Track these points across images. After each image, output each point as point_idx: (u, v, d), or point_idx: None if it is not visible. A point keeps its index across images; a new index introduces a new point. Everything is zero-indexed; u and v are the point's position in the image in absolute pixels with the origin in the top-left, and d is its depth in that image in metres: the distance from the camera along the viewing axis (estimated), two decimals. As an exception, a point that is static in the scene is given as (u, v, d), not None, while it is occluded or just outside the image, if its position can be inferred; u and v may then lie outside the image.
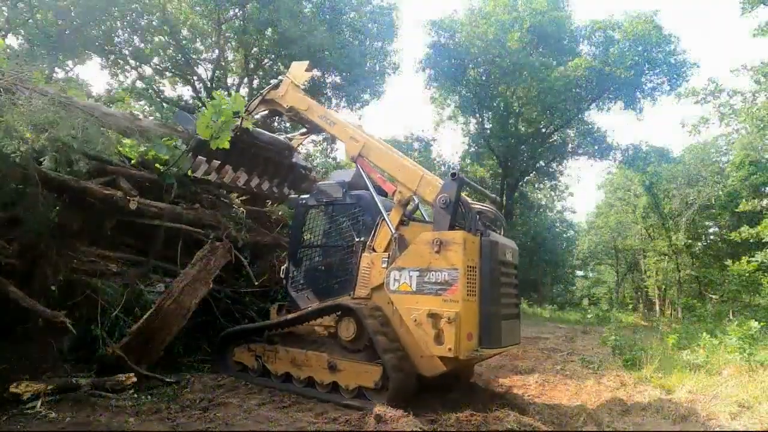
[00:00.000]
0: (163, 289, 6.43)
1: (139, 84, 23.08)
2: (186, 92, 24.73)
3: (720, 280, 20.99)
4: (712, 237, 32.99)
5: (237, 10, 20.99)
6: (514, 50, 22.78)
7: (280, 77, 8.03)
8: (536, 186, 35.69)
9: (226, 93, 7.41)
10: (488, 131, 27.37)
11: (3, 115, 5.21)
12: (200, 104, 20.51)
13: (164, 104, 22.96)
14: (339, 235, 6.61)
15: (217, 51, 22.83)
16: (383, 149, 6.43)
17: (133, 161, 7.23)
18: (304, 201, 7.06)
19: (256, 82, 22.83)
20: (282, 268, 7.17)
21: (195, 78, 23.52)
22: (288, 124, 20.06)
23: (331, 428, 4.57)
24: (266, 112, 8.35)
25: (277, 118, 16.29)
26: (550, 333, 14.95)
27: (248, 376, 6.35)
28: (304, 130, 8.77)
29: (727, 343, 8.50)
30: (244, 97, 8.18)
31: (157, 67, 23.22)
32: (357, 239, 6.22)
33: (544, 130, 27.03)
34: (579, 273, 47.51)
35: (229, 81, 24.66)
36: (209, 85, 22.73)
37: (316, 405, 5.33)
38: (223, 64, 23.56)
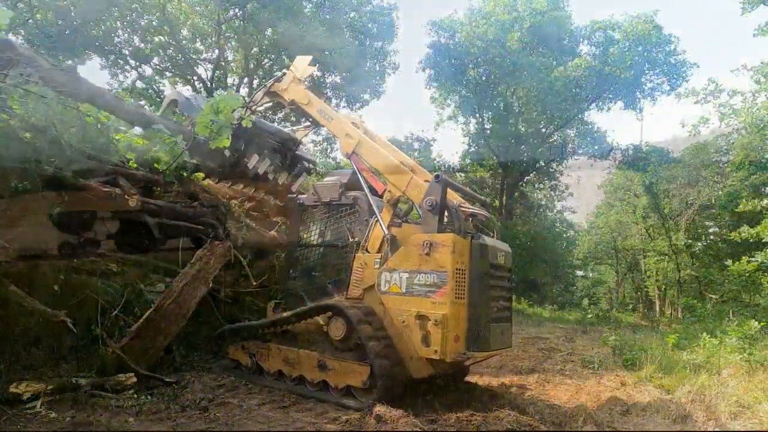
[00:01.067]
0: (163, 289, 6.43)
1: (139, 84, 23.10)
2: (186, 92, 24.68)
3: (720, 280, 20.98)
4: (712, 237, 32.94)
5: (237, 10, 20.99)
6: (514, 50, 22.75)
7: (284, 70, 8.04)
8: (536, 186, 35.65)
9: (225, 93, 7.41)
10: (488, 131, 27.34)
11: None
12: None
13: (164, 104, 22.96)
14: (335, 235, 6.63)
15: (217, 51, 22.83)
16: (377, 147, 6.42)
17: (131, 162, 7.23)
18: (301, 200, 7.10)
19: (256, 82, 22.84)
20: (280, 267, 7.18)
21: (195, 78, 23.53)
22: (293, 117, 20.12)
23: (331, 428, 4.56)
24: (270, 104, 8.32)
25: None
26: (550, 333, 14.93)
27: (242, 373, 6.35)
28: (308, 123, 8.78)
29: (727, 343, 8.50)
30: (244, 97, 8.18)
31: (157, 67, 23.22)
32: (351, 239, 6.23)
33: (544, 130, 26.99)
34: (579, 273, 47.38)
35: (229, 81, 24.67)
36: (209, 85, 22.74)
37: (316, 405, 5.33)
38: (223, 64, 23.56)
